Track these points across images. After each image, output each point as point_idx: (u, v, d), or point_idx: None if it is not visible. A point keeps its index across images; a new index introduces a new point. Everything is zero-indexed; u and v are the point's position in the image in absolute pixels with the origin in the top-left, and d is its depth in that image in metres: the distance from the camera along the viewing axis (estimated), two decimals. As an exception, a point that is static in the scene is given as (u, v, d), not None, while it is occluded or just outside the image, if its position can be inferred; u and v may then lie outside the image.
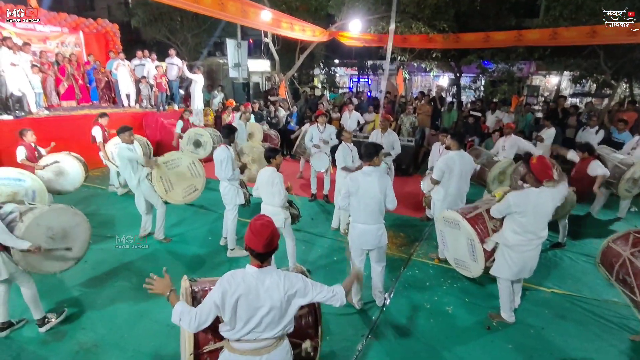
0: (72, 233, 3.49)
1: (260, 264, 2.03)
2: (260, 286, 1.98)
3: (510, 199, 3.34)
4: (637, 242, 3.36)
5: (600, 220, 6.28)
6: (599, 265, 3.67)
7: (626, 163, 5.64)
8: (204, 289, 2.37)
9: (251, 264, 2.05)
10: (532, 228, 3.32)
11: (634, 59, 9.65)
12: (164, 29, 15.89)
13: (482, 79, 15.07)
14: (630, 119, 7.96)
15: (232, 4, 6.60)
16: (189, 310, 2.03)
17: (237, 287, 1.95)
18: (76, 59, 10.35)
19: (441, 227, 4.33)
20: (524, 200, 3.27)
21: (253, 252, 2.00)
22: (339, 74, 21.32)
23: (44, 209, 3.37)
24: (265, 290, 1.98)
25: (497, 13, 11.79)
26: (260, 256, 2.00)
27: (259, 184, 4.20)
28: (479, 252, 3.81)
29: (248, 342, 2.03)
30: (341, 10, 11.30)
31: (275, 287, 2.00)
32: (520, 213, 3.29)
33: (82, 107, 9.83)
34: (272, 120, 10.25)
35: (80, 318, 3.68)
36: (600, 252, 3.66)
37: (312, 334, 2.43)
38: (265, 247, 1.97)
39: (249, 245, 2.00)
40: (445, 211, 4.24)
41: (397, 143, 6.34)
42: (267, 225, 2.01)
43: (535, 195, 3.26)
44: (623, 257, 3.32)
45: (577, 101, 15.84)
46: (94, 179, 7.73)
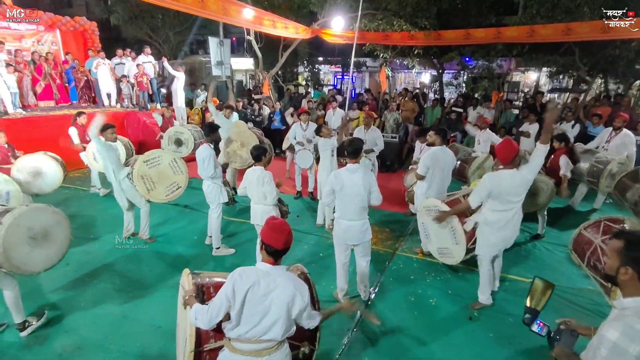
0: (52, 232, 3.42)
1: (274, 262, 2.08)
2: (271, 282, 2.02)
3: (486, 179, 3.46)
4: (607, 229, 3.50)
5: (578, 211, 6.49)
6: (572, 252, 3.83)
7: (602, 162, 5.81)
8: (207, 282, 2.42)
9: (264, 261, 2.11)
10: (508, 203, 3.45)
11: (608, 56, 9.96)
12: (145, 27, 15.62)
13: (463, 75, 15.31)
14: (605, 113, 8.20)
15: (212, 1, 6.54)
16: (202, 307, 2.07)
17: (248, 279, 1.99)
18: (53, 58, 10.10)
19: (423, 218, 4.45)
20: (498, 179, 3.39)
21: (271, 249, 2.06)
22: (323, 71, 21.33)
23: (23, 209, 3.29)
24: (276, 287, 2.01)
25: (478, 11, 11.99)
26: (277, 253, 2.07)
27: (247, 184, 4.19)
28: (460, 234, 3.99)
29: (249, 342, 2.03)
30: (323, 8, 11.31)
31: (284, 286, 2.02)
32: (495, 191, 3.41)
33: (60, 107, 9.61)
34: (256, 119, 10.21)
35: (63, 321, 3.62)
36: (572, 239, 3.83)
37: (311, 337, 2.45)
38: (284, 244, 2.06)
39: (268, 243, 2.06)
40: (425, 199, 4.38)
41: (380, 140, 6.42)
42: (285, 224, 2.11)
43: (509, 176, 3.37)
44: (594, 245, 3.46)
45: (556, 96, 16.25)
46: (74, 180, 7.58)
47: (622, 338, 1.47)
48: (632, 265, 1.57)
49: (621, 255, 1.60)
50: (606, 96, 10.61)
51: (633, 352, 1.44)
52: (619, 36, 7.90)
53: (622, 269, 1.60)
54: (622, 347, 1.46)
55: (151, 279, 4.36)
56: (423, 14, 10.40)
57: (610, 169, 5.68)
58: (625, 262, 1.59)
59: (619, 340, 1.47)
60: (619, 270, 1.61)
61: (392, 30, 10.26)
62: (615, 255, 1.63)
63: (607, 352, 1.50)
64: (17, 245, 3.14)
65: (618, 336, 1.48)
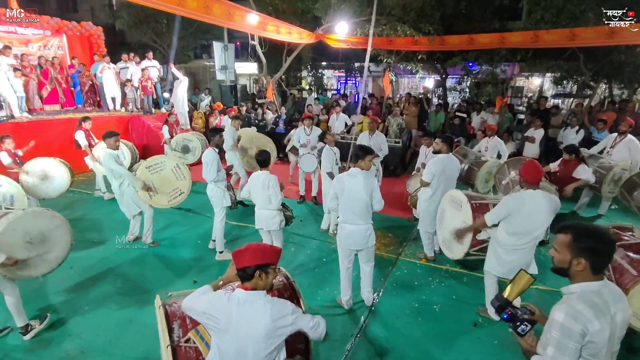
0: (51, 236, 3.42)
1: (246, 287, 1.94)
2: (247, 313, 1.85)
3: (509, 199, 3.36)
4: (616, 238, 3.46)
5: (582, 217, 6.45)
6: None
7: (605, 167, 5.80)
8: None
9: (239, 287, 1.97)
10: (526, 230, 3.34)
11: (613, 61, 9.92)
12: (150, 32, 15.76)
13: (467, 80, 15.30)
14: (610, 119, 8.17)
15: (217, 6, 6.58)
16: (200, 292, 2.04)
17: (219, 312, 1.87)
18: (59, 62, 10.18)
19: (445, 205, 4.47)
20: (519, 201, 3.28)
21: (239, 272, 1.96)
22: (326, 76, 21.40)
23: (19, 213, 3.30)
24: (250, 318, 1.85)
25: (482, 16, 12.01)
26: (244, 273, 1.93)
27: (252, 188, 4.22)
28: (468, 236, 3.97)
29: None
30: (327, 13, 11.35)
31: (261, 315, 1.85)
32: (515, 214, 3.30)
33: (65, 111, 9.68)
34: (260, 123, 10.24)
35: (66, 324, 3.63)
36: None
37: (302, 349, 2.43)
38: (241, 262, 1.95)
39: (237, 266, 1.97)
40: (454, 190, 4.39)
41: (385, 144, 6.41)
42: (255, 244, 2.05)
43: (530, 197, 3.27)
44: None
45: (560, 102, 16.22)
46: (79, 183, 7.62)
47: (567, 318, 1.60)
48: (585, 256, 1.66)
49: (571, 248, 1.69)
50: (611, 102, 10.58)
51: (577, 330, 1.58)
52: (625, 42, 7.88)
53: (574, 261, 1.69)
54: (567, 326, 1.60)
55: (155, 283, 4.36)
56: (427, 20, 10.42)
57: (613, 175, 5.66)
58: (577, 254, 1.68)
59: (565, 320, 1.61)
60: (571, 262, 1.70)
61: (396, 35, 10.28)
62: (564, 249, 1.72)
63: (557, 333, 1.63)
64: (14, 250, 3.14)
65: (563, 317, 1.61)
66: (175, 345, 2.15)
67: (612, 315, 1.64)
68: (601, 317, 1.60)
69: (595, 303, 1.62)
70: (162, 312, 2.27)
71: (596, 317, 1.59)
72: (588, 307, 1.60)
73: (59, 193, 5.81)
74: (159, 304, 2.33)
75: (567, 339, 1.61)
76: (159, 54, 15.99)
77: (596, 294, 1.65)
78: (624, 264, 3.18)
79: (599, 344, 1.61)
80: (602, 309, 1.62)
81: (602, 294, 1.66)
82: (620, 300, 1.70)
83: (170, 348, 2.11)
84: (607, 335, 1.62)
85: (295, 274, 4.55)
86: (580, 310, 1.60)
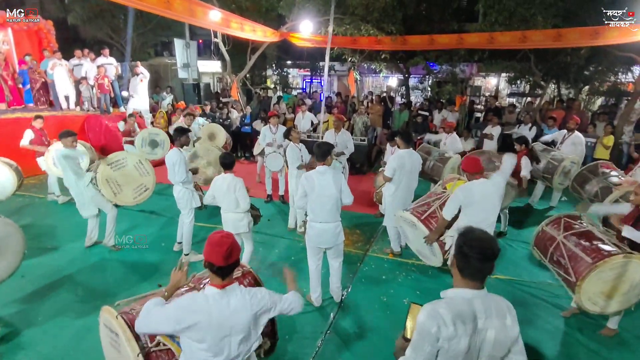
0: (3, 245, 3.20)
1: (222, 281, 1.89)
2: (225, 309, 1.85)
3: (458, 192, 3.59)
4: (568, 226, 3.71)
5: (536, 209, 6.86)
6: (534, 248, 4.01)
7: (557, 159, 6.20)
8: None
9: (211, 285, 1.90)
10: (481, 216, 3.52)
11: (560, 62, 10.58)
12: (106, 27, 15.02)
13: (428, 79, 15.77)
14: (559, 116, 8.73)
15: (178, 2, 6.37)
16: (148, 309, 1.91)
17: (195, 316, 1.80)
18: (4, 58, 9.48)
19: (400, 223, 4.57)
20: (469, 191, 3.54)
21: (213, 268, 1.86)
22: (291, 74, 21.31)
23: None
24: (232, 313, 1.85)
25: (441, 17, 12.40)
26: (221, 271, 1.87)
27: (215, 192, 4.08)
28: (436, 248, 4.11)
29: None
30: (292, 12, 11.32)
31: (242, 307, 1.88)
32: (469, 204, 3.53)
33: (13, 110, 9.03)
34: (225, 122, 10.05)
35: (19, 337, 3.40)
36: (534, 236, 4.01)
37: (269, 332, 2.43)
38: (225, 259, 1.84)
39: (209, 260, 1.87)
40: (401, 212, 4.45)
41: (351, 142, 6.49)
42: (227, 237, 1.92)
43: (478, 186, 3.54)
44: (557, 241, 3.65)
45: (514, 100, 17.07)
46: (29, 187, 7.15)
47: (426, 319, 1.58)
48: (456, 256, 1.68)
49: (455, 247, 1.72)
50: (559, 100, 11.29)
51: (432, 332, 1.55)
52: (570, 44, 8.42)
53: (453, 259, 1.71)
54: (424, 327, 1.57)
55: (117, 288, 4.18)
56: (389, 19, 10.63)
57: (564, 166, 6.06)
58: (455, 253, 1.70)
59: (424, 320, 1.58)
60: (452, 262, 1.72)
61: (359, 34, 10.43)
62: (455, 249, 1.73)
63: (417, 334, 1.61)
64: None
65: (424, 318, 1.59)
66: (145, 352, 2.06)
67: (479, 329, 1.58)
68: (459, 325, 1.54)
69: (459, 310, 1.57)
70: (121, 321, 2.12)
71: (453, 322, 1.54)
72: (448, 311, 1.56)
73: (5, 197, 5.41)
74: (114, 314, 2.16)
75: (422, 340, 1.58)
76: (117, 51, 15.28)
77: (467, 303, 1.60)
78: (578, 251, 3.40)
79: (451, 353, 1.56)
80: (465, 318, 1.56)
81: (473, 304, 1.60)
82: (499, 317, 1.62)
83: (141, 356, 2.02)
84: (463, 347, 1.56)
85: (266, 274, 4.53)
86: (440, 312, 1.56)
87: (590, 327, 3.70)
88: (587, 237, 3.49)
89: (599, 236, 3.45)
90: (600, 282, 3.21)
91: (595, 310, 3.31)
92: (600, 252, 3.25)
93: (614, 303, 3.28)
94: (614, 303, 3.28)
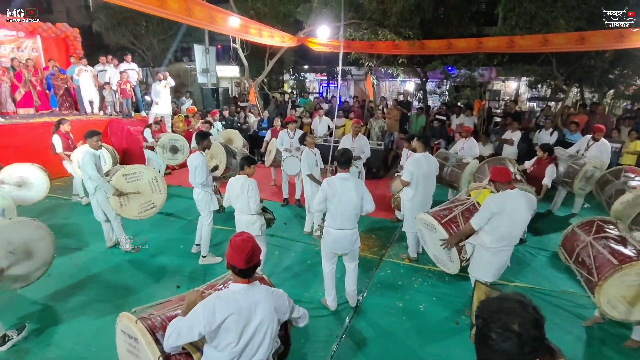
0: (34, 247, 3.34)
1: (245, 280, 2.02)
2: (251, 302, 1.96)
3: (490, 202, 3.46)
4: (599, 229, 3.65)
5: (557, 216, 6.68)
6: (560, 248, 3.95)
7: (578, 164, 6.04)
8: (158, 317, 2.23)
9: (235, 282, 2.04)
10: (508, 231, 3.45)
11: (584, 66, 10.32)
12: (128, 34, 15.49)
13: (446, 84, 15.63)
14: (582, 121, 8.50)
15: (199, 9, 6.54)
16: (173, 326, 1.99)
17: (226, 308, 1.90)
18: (33, 64, 9.89)
19: (420, 226, 4.52)
20: (502, 201, 3.41)
21: (235, 270, 2.00)
22: (308, 79, 21.46)
23: (3, 222, 3.22)
24: (257, 305, 1.97)
25: (459, 21, 12.28)
26: (243, 272, 2.00)
27: (230, 194, 4.14)
28: (454, 254, 4.03)
29: None
30: (309, 17, 11.43)
31: (265, 299, 2.00)
32: (499, 214, 3.40)
33: (40, 115, 9.40)
34: (242, 127, 10.20)
35: (44, 334, 3.52)
36: (563, 235, 3.97)
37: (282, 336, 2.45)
38: (246, 262, 1.96)
39: (231, 263, 2.00)
40: (422, 214, 4.38)
41: (367, 147, 6.48)
42: (247, 241, 2.01)
43: (511, 197, 3.41)
44: (586, 242, 3.58)
45: (535, 105, 16.74)
46: (55, 189, 7.39)
47: None
48: None
49: None
50: (582, 104, 10.99)
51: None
52: (593, 48, 8.23)
53: None
54: None
55: (136, 289, 4.28)
56: (407, 24, 10.61)
57: (586, 171, 5.89)
58: None
59: None
60: None
61: (376, 39, 10.43)
62: None
63: None
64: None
65: None
66: (166, 356, 2.08)
67: None
68: None
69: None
70: (141, 325, 2.15)
71: None
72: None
73: (38, 199, 5.62)
74: (133, 319, 2.19)
75: None
76: (138, 57, 15.73)
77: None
78: (605, 253, 3.33)
79: None
80: None
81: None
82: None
83: (162, 359, 2.05)
84: None
85: (281, 277, 4.56)
86: None
87: (614, 339, 3.58)
88: (618, 242, 3.41)
89: (631, 242, 3.37)
90: (623, 285, 3.12)
91: (614, 315, 3.21)
92: (629, 256, 3.18)
93: (636, 312, 3.16)
94: (636, 312, 3.16)
